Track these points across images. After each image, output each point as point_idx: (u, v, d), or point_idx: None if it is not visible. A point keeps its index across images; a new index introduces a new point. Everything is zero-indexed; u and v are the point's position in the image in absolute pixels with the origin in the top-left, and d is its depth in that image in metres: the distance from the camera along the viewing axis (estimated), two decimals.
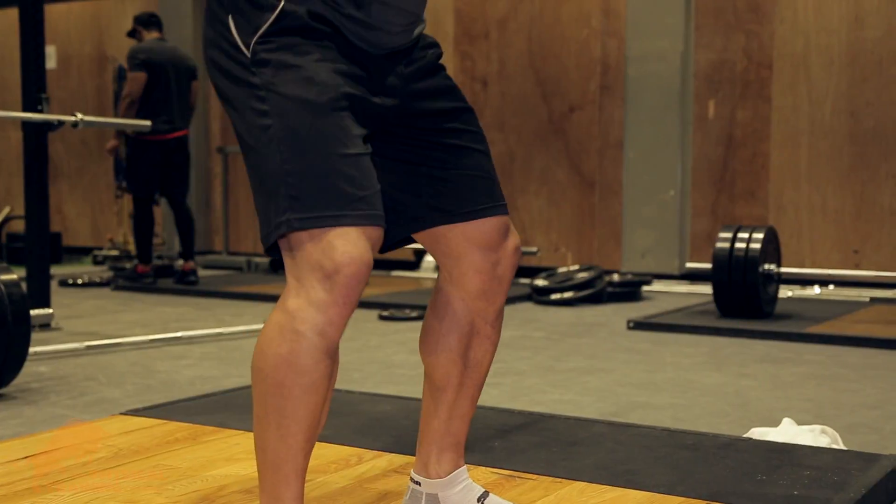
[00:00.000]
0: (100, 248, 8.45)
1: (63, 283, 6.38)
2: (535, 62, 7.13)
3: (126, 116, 5.90)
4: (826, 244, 6.41)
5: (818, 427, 2.41)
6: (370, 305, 5.10)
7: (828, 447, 2.28)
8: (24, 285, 3.31)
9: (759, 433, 2.41)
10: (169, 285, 6.20)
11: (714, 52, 6.62)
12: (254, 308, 5.25)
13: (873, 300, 5.62)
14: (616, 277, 5.90)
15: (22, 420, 2.77)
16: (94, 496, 1.82)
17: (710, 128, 6.67)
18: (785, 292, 5.70)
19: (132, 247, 7.61)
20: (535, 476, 1.99)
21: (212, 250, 8.35)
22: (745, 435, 2.42)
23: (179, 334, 4.13)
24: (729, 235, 4.77)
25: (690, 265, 5.98)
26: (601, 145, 6.97)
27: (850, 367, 3.68)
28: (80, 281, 6.43)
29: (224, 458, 2.08)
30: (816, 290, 6.01)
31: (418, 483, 1.68)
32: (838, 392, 3.25)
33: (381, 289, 5.84)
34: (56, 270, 6.68)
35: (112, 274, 6.69)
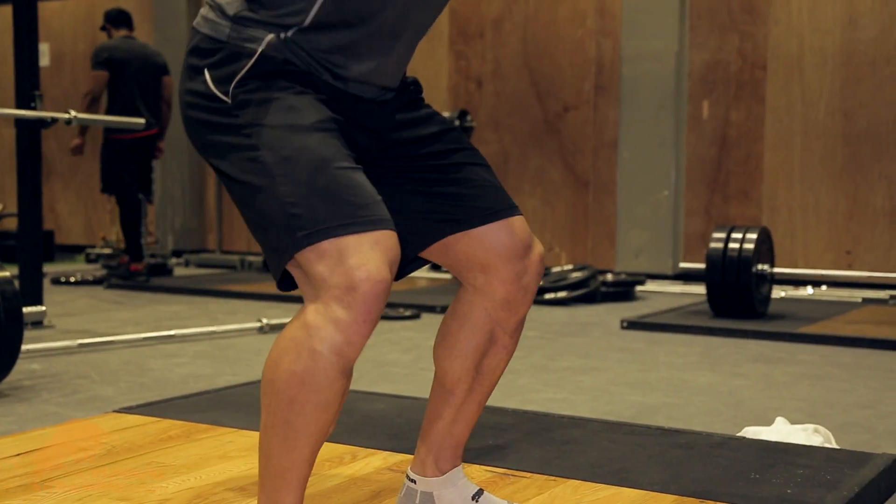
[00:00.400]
0: (92, 247, 8.43)
1: (56, 282, 6.37)
2: (530, 62, 7.13)
3: (88, 113, 5.92)
4: (819, 245, 6.43)
5: (811, 426, 2.41)
6: None
7: (821, 446, 2.29)
8: (17, 283, 3.30)
9: (753, 432, 2.42)
10: (162, 283, 6.20)
11: (708, 53, 6.63)
12: (247, 306, 5.24)
13: (865, 301, 5.64)
14: (610, 277, 5.90)
15: (14, 417, 2.76)
16: (87, 493, 1.82)
17: (704, 128, 6.68)
18: (778, 292, 5.71)
19: (124, 245, 7.58)
20: (529, 474, 1.99)
21: (205, 249, 8.34)
22: (739, 434, 2.42)
23: (173, 332, 4.13)
24: (723, 235, 4.78)
25: (684, 265, 5.99)
26: (595, 145, 6.97)
27: (843, 367, 3.69)
28: (73, 279, 6.41)
29: (218, 456, 2.08)
30: (809, 291, 6.02)
31: (414, 481, 1.67)
32: (831, 392, 3.25)
33: None
34: (48, 268, 6.66)
35: (105, 272, 6.67)
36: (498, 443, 2.20)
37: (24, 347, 3.46)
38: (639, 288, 6.00)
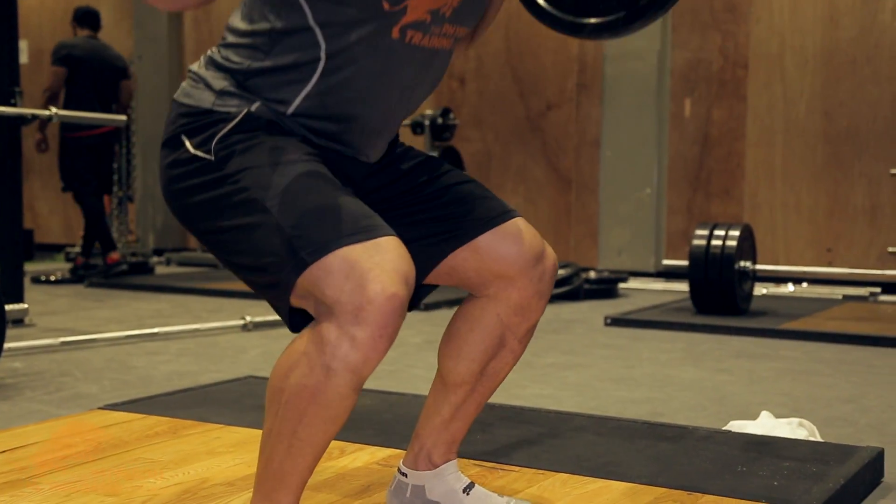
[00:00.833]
0: (72, 245, 8.36)
1: (36, 280, 6.32)
2: (513, 60, 7.14)
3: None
4: (800, 242, 6.47)
5: (795, 420, 2.43)
6: None
7: (806, 439, 2.30)
8: None
9: (738, 426, 2.43)
10: (144, 282, 6.16)
11: (690, 52, 6.66)
12: (230, 304, 5.22)
13: (846, 297, 5.68)
14: (593, 275, 5.92)
15: None
16: (74, 490, 1.81)
17: (687, 126, 6.71)
18: (759, 289, 5.75)
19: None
20: (518, 468, 1.99)
21: (186, 247, 8.30)
22: (724, 428, 2.43)
23: (156, 330, 4.11)
24: (705, 233, 4.80)
25: (666, 262, 6.02)
26: (578, 143, 6.99)
27: (825, 363, 3.72)
28: (53, 278, 6.37)
29: (205, 452, 2.07)
30: (790, 288, 6.06)
31: (405, 475, 1.67)
32: (814, 387, 3.28)
33: None
34: (28, 267, 6.61)
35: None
36: (486, 437, 2.21)
37: (6, 346, 3.43)
38: (622, 285, 6.02)
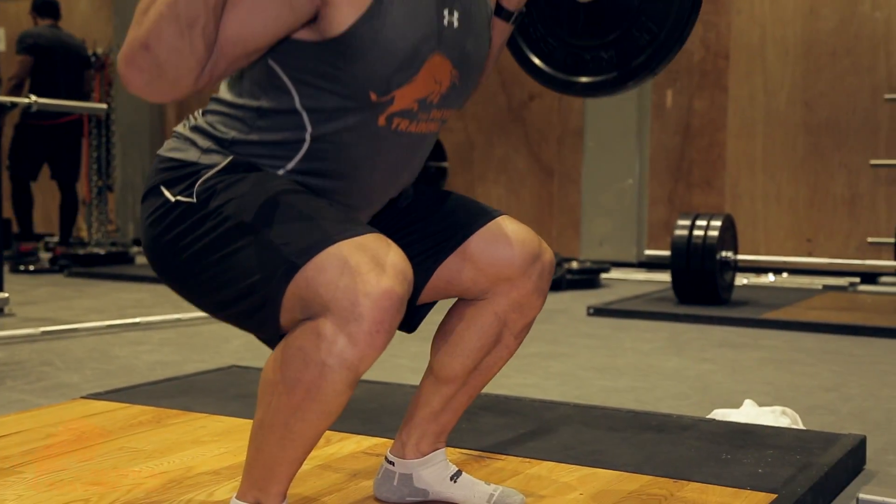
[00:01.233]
0: (51, 235, 8.30)
1: (14, 270, 6.27)
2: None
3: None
4: (780, 233, 6.51)
5: (779, 408, 2.44)
6: None
7: (789, 427, 2.32)
8: None
9: (722, 414, 2.45)
10: (124, 271, 6.12)
11: None
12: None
13: (826, 287, 5.72)
14: (575, 265, 5.93)
15: None
16: (59, 478, 1.79)
17: (668, 117, 6.73)
18: (740, 280, 5.78)
19: (84, 233, 7.50)
20: (504, 456, 1.99)
21: None
22: (708, 416, 2.45)
23: (137, 320, 4.08)
24: (687, 223, 4.82)
25: (648, 253, 6.04)
26: (560, 133, 7.00)
27: (806, 352, 3.74)
28: (32, 267, 6.33)
29: (190, 441, 2.06)
30: (771, 278, 6.10)
31: (392, 463, 1.67)
32: (796, 375, 3.30)
33: None
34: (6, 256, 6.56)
35: (66, 261, 6.56)
36: (472, 426, 2.21)
37: None
38: (603, 275, 6.04)
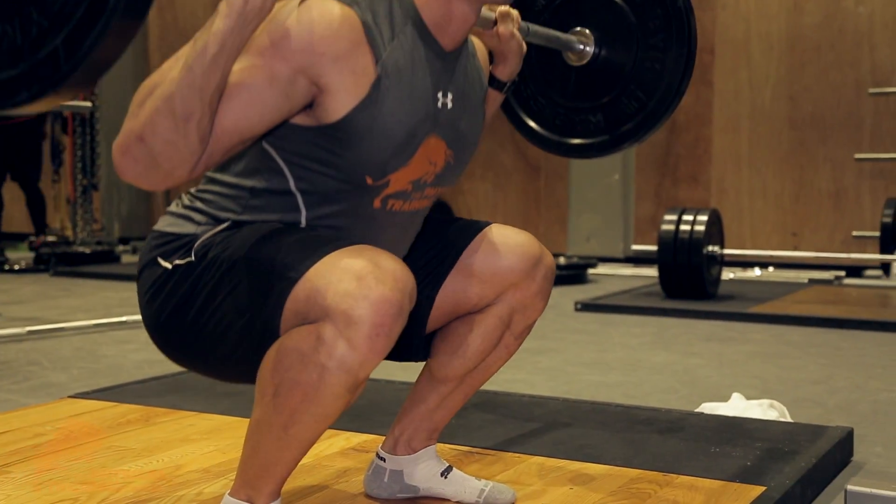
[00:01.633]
0: (34, 235, 8.26)
1: None
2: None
3: None
4: (766, 227, 6.53)
5: (766, 401, 2.46)
6: None
7: (777, 420, 2.33)
8: None
9: (710, 408, 2.45)
10: (110, 270, 6.10)
11: None
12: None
13: (811, 281, 5.75)
14: (562, 261, 5.94)
15: None
16: (47, 478, 1.79)
17: None
18: (727, 274, 5.80)
19: (69, 232, 7.46)
20: (494, 452, 1.99)
21: None
22: (697, 410, 2.45)
23: (124, 319, 4.06)
24: (674, 218, 4.84)
25: (635, 248, 6.05)
26: None
27: (793, 345, 3.76)
28: (17, 267, 6.29)
29: (179, 439, 2.05)
30: (757, 272, 6.12)
31: (383, 459, 1.67)
32: (783, 369, 3.31)
33: None
34: None
35: (52, 260, 6.54)
36: (461, 422, 2.21)
37: None
38: (591, 271, 6.05)
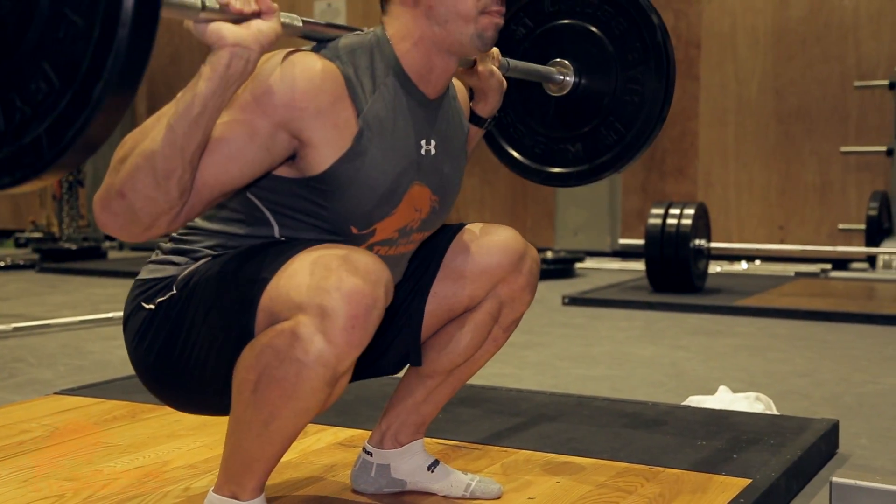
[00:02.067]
0: (21, 231, 8.23)
1: None
2: None
3: None
4: (752, 220, 6.55)
5: (753, 394, 2.46)
6: None
7: (763, 413, 2.34)
8: None
9: (697, 401, 2.46)
10: (97, 267, 6.08)
11: None
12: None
13: (798, 274, 5.77)
14: (550, 255, 5.95)
15: None
16: (32, 475, 1.78)
17: None
18: (714, 267, 5.82)
19: (55, 228, 7.43)
20: (481, 446, 1.99)
21: None
22: (683, 403, 2.46)
23: (111, 315, 4.05)
24: (661, 212, 4.85)
25: (622, 242, 6.07)
26: None
27: (779, 338, 3.78)
28: (3, 263, 6.26)
29: (165, 435, 2.05)
30: (744, 265, 6.14)
31: (370, 454, 1.67)
32: (769, 361, 3.33)
33: None
34: None
35: (38, 257, 6.52)
36: (448, 416, 2.21)
37: None
38: (578, 265, 6.06)
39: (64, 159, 0.89)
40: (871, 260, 5.97)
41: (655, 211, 4.88)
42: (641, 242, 4.99)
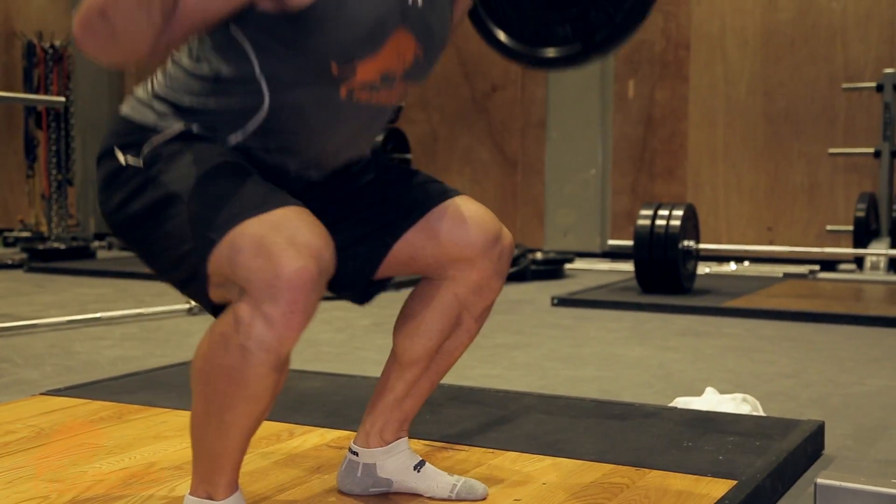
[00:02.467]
0: (10, 230, 8.20)
1: None
2: (457, 41, 7.13)
3: None
4: (741, 221, 6.57)
5: (739, 395, 2.47)
6: None
7: (749, 414, 2.35)
8: None
9: (684, 402, 2.47)
10: (85, 266, 6.06)
11: None
12: (174, 289, 5.15)
13: (786, 275, 5.79)
14: (539, 256, 5.96)
15: None
16: (17, 475, 1.77)
17: (630, 107, 6.77)
18: (703, 268, 5.84)
19: (44, 228, 7.41)
20: (468, 447, 2.00)
21: None
22: (670, 404, 2.47)
23: (99, 315, 4.04)
24: (650, 213, 4.86)
25: (612, 242, 6.08)
26: (523, 125, 7.01)
27: (767, 339, 3.79)
28: None
29: (151, 436, 2.04)
30: (732, 267, 6.16)
31: (356, 454, 1.67)
32: (756, 363, 3.34)
33: None
34: None
35: (26, 256, 6.50)
36: (435, 417, 2.21)
37: None
38: (568, 266, 6.07)
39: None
40: (859, 261, 5.99)
41: (644, 212, 4.89)
42: (630, 243, 5.00)
